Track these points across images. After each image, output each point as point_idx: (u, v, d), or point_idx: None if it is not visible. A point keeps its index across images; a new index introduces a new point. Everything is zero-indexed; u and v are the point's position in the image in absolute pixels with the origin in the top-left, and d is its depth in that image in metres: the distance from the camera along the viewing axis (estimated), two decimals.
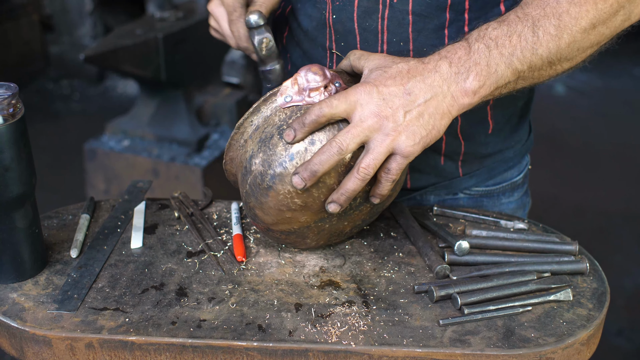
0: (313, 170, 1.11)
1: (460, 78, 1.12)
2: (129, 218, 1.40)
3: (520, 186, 1.59)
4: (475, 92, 1.13)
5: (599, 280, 1.25)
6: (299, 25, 1.43)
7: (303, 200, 1.16)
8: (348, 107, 1.11)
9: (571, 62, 1.18)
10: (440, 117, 1.13)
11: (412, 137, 1.11)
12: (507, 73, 1.14)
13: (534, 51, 1.13)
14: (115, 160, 3.68)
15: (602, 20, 1.15)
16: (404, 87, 1.11)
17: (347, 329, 1.12)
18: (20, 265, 1.21)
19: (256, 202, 1.19)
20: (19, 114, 1.13)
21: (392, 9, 1.31)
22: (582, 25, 1.14)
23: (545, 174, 4.42)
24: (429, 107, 1.12)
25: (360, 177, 1.11)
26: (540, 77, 1.18)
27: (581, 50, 1.17)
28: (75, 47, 5.73)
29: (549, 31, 1.13)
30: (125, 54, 3.36)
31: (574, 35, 1.14)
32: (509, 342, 1.10)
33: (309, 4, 1.39)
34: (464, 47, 1.14)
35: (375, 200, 1.18)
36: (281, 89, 1.19)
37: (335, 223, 1.24)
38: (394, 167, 1.13)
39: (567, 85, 5.99)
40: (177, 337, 1.10)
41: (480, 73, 1.12)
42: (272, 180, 1.15)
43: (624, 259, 3.78)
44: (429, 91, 1.12)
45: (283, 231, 1.23)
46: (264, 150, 1.16)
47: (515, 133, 1.51)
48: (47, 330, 1.11)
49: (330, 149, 1.11)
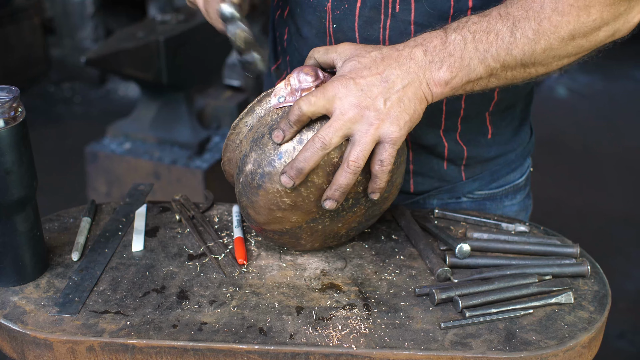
0: (299, 168, 1.12)
1: (434, 67, 1.13)
2: (130, 221, 1.40)
3: (523, 188, 1.59)
4: (447, 82, 1.13)
5: (601, 282, 1.25)
6: (298, 31, 1.43)
7: (292, 199, 1.17)
8: (326, 102, 1.11)
9: (546, 68, 1.18)
10: (419, 102, 1.13)
11: (395, 123, 1.11)
12: (480, 68, 1.14)
13: (509, 51, 1.14)
14: (117, 163, 3.69)
15: (582, 33, 1.15)
16: (381, 75, 1.11)
17: (348, 332, 1.12)
18: (21, 268, 1.21)
19: (248, 201, 1.20)
20: (20, 117, 1.13)
21: (394, 19, 1.31)
22: (560, 35, 1.14)
23: (547, 176, 4.41)
24: (407, 92, 1.12)
25: (351, 170, 1.11)
26: (514, 77, 1.19)
27: (557, 58, 1.17)
28: (77, 50, 5.73)
29: (527, 34, 1.13)
30: (126, 57, 3.37)
31: (551, 43, 1.14)
32: (510, 345, 1.10)
33: (309, 10, 1.38)
34: (440, 36, 1.14)
35: (374, 196, 1.18)
36: (275, 89, 1.21)
37: (329, 224, 1.24)
38: (386, 156, 1.12)
39: (568, 88, 5.99)
40: (178, 340, 1.10)
41: (453, 64, 1.13)
42: (261, 179, 1.16)
43: (625, 262, 3.78)
44: (406, 77, 1.12)
45: (275, 231, 1.24)
46: (255, 150, 1.17)
47: (517, 136, 1.51)
48: (48, 333, 1.11)
49: (314, 145, 1.11)
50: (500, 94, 1.39)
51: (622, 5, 1.15)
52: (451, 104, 1.38)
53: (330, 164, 1.14)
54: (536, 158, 1.66)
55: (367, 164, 1.14)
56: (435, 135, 1.42)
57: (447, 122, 1.40)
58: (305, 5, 1.38)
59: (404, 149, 1.23)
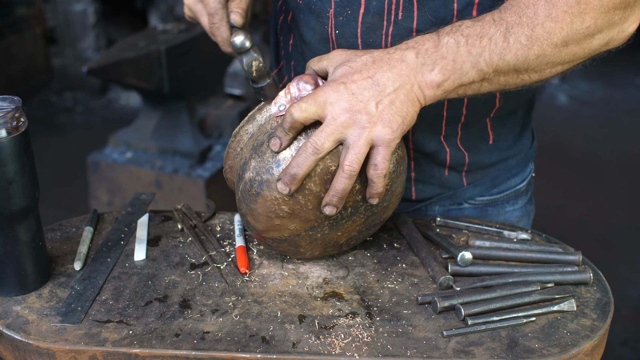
0: (292, 174, 1.12)
1: (426, 69, 1.12)
2: (132, 230, 1.40)
3: (524, 194, 1.59)
4: (439, 85, 1.13)
5: (603, 290, 1.24)
6: (302, 36, 1.43)
7: (290, 207, 1.17)
8: (318, 108, 1.11)
9: (539, 75, 1.18)
10: (411, 105, 1.12)
11: (388, 125, 1.10)
12: (472, 72, 1.14)
13: (501, 56, 1.14)
14: (119, 173, 3.69)
15: (576, 40, 1.15)
16: (372, 78, 1.11)
17: (350, 340, 1.12)
18: (23, 278, 1.21)
19: (247, 208, 1.21)
20: (23, 127, 1.13)
21: (396, 25, 1.31)
22: (553, 41, 1.14)
23: (548, 184, 4.41)
24: (399, 95, 1.11)
25: (346, 174, 1.11)
26: (507, 83, 1.18)
27: (550, 65, 1.17)
28: (78, 59, 5.76)
29: (520, 40, 1.13)
30: (128, 67, 3.37)
31: (544, 49, 1.14)
32: (512, 353, 1.09)
33: (311, 16, 1.38)
34: (433, 39, 1.14)
35: (373, 201, 1.17)
36: (276, 98, 1.21)
37: (328, 233, 1.25)
38: (380, 159, 1.12)
39: (570, 95, 5.99)
40: (181, 349, 1.10)
41: (446, 67, 1.13)
42: (260, 187, 1.17)
43: (628, 269, 3.77)
44: (397, 80, 1.12)
45: (275, 239, 1.24)
46: (254, 158, 1.18)
47: (518, 142, 1.51)
48: (50, 342, 1.11)
49: (306, 150, 1.11)
50: (502, 101, 1.40)
51: (616, 14, 1.15)
52: (452, 110, 1.38)
53: (328, 172, 1.14)
54: (538, 165, 1.66)
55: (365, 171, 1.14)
56: (437, 142, 1.42)
57: (447, 127, 1.40)
58: (307, 11, 1.39)
59: (404, 159, 1.23)
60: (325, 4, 1.34)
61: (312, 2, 1.36)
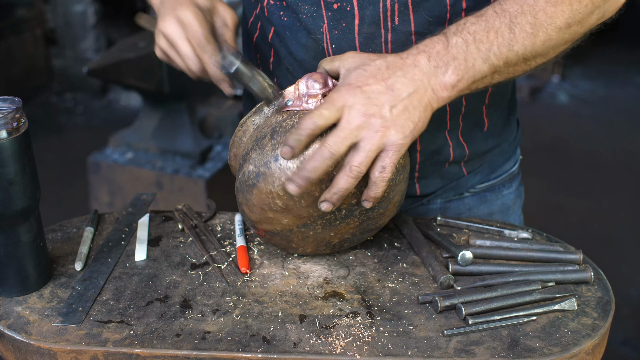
0: (306, 177, 1.12)
1: (440, 72, 1.13)
2: (133, 231, 1.40)
3: (517, 176, 1.63)
4: (453, 85, 1.14)
5: (604, 289, 1.25)
6: (291, 54, 1.40)
7: (284, 202, 1.17)
8: (337, 112, 1.11)
9: (544, 58, 1.21)
10: (423, 110, 1.13)
11: (401, 131, 1.11)
12: (484, 68, 1.15)
13: (510, 47, 1.15)
14: (119, 173, 3.69)
15: (577, 20, 1.17)
16: (386, 83, 1.12)
17: (351, 340, 1.12)
18: (24, 278, 1.21)
19: (243, 198, 1.22)
20: (23, 128, 1.14)
21: (394, 32, 1.31)
22: (557, 25, 1.16)
23: (549, 183, 4.41)
24: (413, 101, 1.12)
25: (352, 175, 1.11)
26: (515, 72, 1.21)
27: (555, 47, 1.20)
28: (79, 60, 5.75)
29: (525, 29, 1.15)
30: (128, 67, 3.37)
31: (549, 34, 1.16)
32: (513, 352, 1.09)
33: (301, 33, 1.36)
34: (442, 41, 1.15)
35: (367, 205, 1.16)
36: (285, 92, 1.23)
37: (320, 232, 1.25)
38: (388, 162, 1.12)
39: (570, 94, 5.99)
40: (182, 349, 1.10)
41: (459, 67, 1.14)
42: (256, 179, 1.17)
43: (629, 268, 3.77)
44: (411, 85, 1.12)
45: (267, 231, 1.25)
46: (255, 149, 1.19)
47: (507, 126, 1.55)
48: (52, 343, 1.11)
49: (322, 154, 1.10)
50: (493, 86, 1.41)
51: None
52: (453, 102, 1.39)
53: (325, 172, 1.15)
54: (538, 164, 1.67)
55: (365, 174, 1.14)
56: (442, 138, 1.43)
57: (451, 121, 1.42)
58: (295, 28, 1.37)
59: (406, 168, 1.23)
60: (317, 19, 1.33)
61: (302, 19, 1.35)
